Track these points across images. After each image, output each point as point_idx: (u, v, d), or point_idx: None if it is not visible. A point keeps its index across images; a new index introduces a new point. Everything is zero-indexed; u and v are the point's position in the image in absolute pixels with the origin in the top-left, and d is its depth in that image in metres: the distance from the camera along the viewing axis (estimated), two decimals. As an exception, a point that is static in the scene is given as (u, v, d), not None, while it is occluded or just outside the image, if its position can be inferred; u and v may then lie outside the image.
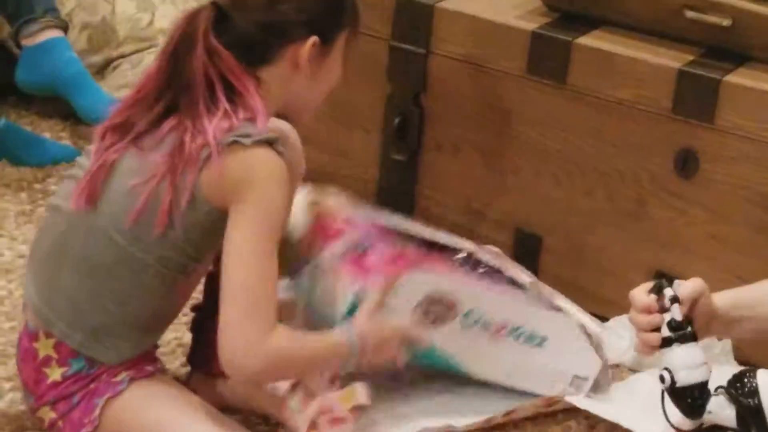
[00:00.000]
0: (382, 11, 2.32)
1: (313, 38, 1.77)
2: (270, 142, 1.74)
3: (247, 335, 1.71)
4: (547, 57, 2.20)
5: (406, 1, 2.30)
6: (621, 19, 2.19)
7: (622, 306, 2.14)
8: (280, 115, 1.88)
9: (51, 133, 2.85)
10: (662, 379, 1.63)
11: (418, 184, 2.40)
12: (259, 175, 1.74)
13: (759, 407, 1.62)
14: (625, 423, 2.06)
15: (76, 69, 2.77)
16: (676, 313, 1.63)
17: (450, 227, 2.23)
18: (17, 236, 2.44)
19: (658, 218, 2.20)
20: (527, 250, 2.30)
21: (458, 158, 2.34)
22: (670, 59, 2.12)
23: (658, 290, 1.67)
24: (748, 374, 1.66)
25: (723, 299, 1.75)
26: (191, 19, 1.80)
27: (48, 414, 1.80)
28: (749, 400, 1.62)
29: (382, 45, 2.32)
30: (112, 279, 1.79)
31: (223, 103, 1.74)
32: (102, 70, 2.94)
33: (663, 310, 1.67)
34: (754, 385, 1.63)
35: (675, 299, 1.66)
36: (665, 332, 1.64)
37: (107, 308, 1.78)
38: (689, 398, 1.62)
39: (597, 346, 2.19)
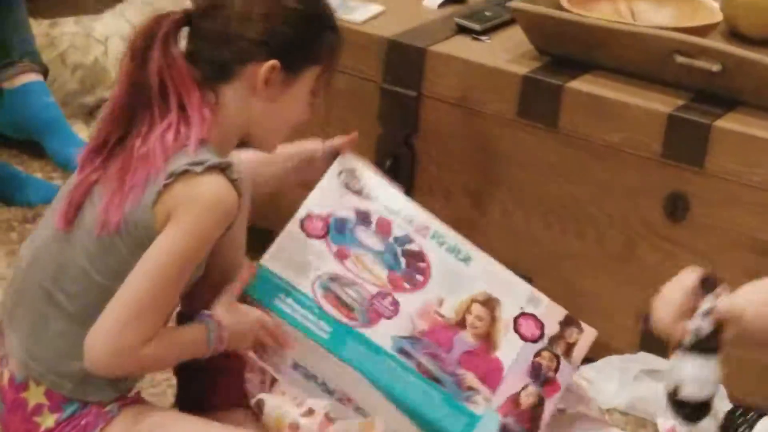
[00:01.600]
0: (373, 53, 2.33)
1: (273, 62, 1.76)
2: (223, 168, 1.74)
3: (124, 341, 1.71)
4: (538, 101, 2.20)
5: (397, 44, 2.31)
6: (611, 64, 2.20)
7: (611, 348, 2.23)
8: (245, 144, 1.87)
9: (42, 173, 2.83)
10: (667, 385, 1.62)
11: None
12: (200, 203, 1.74)
13: None
14: None
15: (52, 114, 2.77)
16: (706, 325, 1.58)
17: None
18: (7, 275, 2.34)
19: (648, 261, 2.19)
20: None
21: (449, 200, 2.34)
22: (660, 103, 2.13)
23: (704, 286, 1.62)
24: (751, 413, 1.68)
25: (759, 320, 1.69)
26: (155, 21, 1.80)
27: None
28: None
29: (373, 87, 2.33)
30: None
31: (173, 113, 1.75)
32: (94, 110, 2.90)
33: (694, 309, 1.63)
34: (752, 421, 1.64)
35: (709, 311, 1.61)
36: (688, 338, 1.61)
37: None
38: (688, 410, 1.60)
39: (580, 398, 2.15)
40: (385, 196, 1.96)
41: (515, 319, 2.00)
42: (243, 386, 2.03)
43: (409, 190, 2.35)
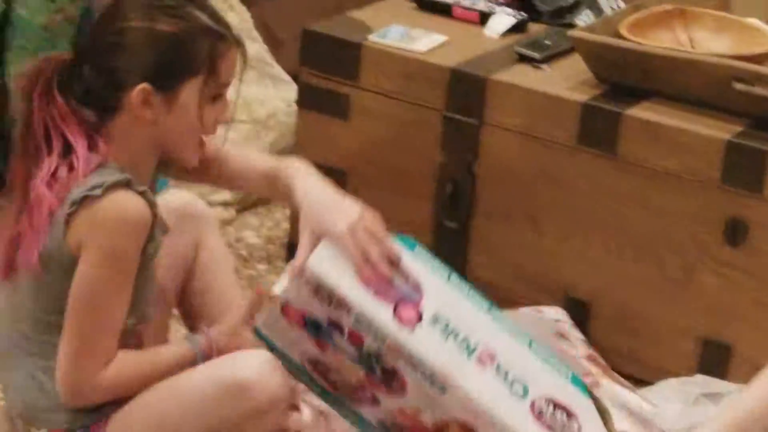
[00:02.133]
0: (436, 83, 2.34)
1: (142, 85, 1.75)
2: (125, 184, 1.74)
3: (82, 372, 1.73)
4: (597, 128, 2.20)
5: (460, 73, 2.31)
6: (670, 91, 2.20)
7: (670, 371, 2.22)
8: (166, 159, 1.87)
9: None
10: None
11: (469, 251, 2.40)
12: (106, 224, 1.74)
13: None
14: None
15: None
16: None
17: (501, 293, 2.25)
18: None
19: (706, 285, 2.18)
20: (575, 316, 2.28)
21: (509, 225, 2.34)
22: (718, 130, 2.12)
23: None
24: None
25: None
26: (41, 64, 1.81)
27: None
28: None
29: (436, 115, 2.34)
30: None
31: (54, 155, 1.76)
32: None
33: None
34: None
35: None
36: None
37: None
38: None
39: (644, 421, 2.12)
40: (357, 305, 1.78)
41: None
42: None
43: (470, 216, 2.38)
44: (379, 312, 1.72)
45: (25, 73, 1.82)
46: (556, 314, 2.27)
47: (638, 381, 2.19)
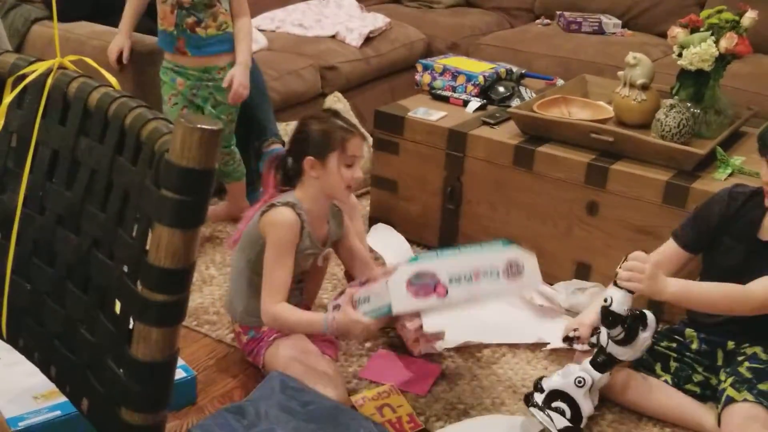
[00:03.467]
0: (441, 136, 2.49)
1: (308, 158, 1.83)
2: (291, 205, 1.81)
3: (265, 299, 1.80)
4: (523, 157, 2.35)
5: (453, 131, 2.47)
6: (559, 138, 2.35)
7: (561, 278, 2.31)
8: (330, 198, 1.90)
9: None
10: (603, 302, 1.71)
11: (461, 222, 2.52)
12: (274, 224, 1.80)
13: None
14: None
15: None
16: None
17: (478, 243, 2.14)
18: (216, 276, 2.35)
19: (578, 235, 2.31)
20: None
21: (480, 208, 2.48)
22: (583, 157, 2.26)
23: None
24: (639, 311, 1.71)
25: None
26: (276, 156, 1.94)
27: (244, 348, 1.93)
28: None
29: (441, 152, 2.49)
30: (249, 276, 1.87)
31: (270, 192, 1.87)
32: None
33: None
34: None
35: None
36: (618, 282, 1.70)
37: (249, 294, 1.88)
38: (611, 318, 1.70)
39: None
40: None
41: None
42: None
43: (460, 203, 2.46)
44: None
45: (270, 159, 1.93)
46: None
47: (546, 282, 2.23)
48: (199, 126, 0.74)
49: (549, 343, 2.11)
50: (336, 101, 3.02)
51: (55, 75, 0.90)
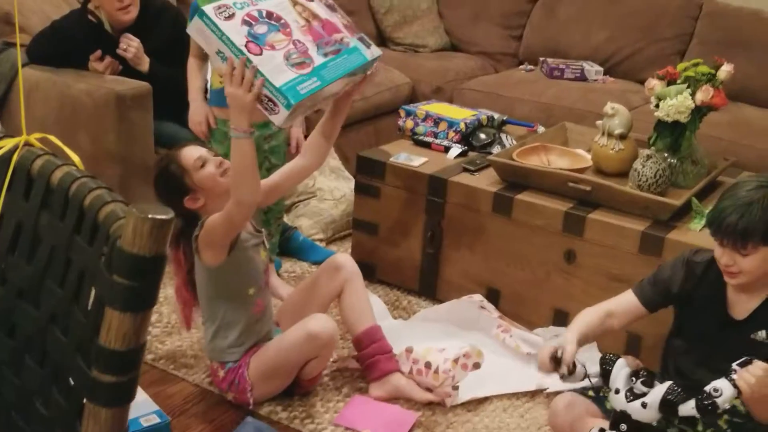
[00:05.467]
0: (422, 181, 2.52)
1: (186, 199, 1.86)
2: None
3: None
4: (502, 204, 2.38)
5: (434, 177, 2.50)
6: (538, 186, 2.37)
7: (538, 324, 2.36)
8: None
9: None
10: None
11: (441, 265, 2.55)
12: (203, 232, 1.82)
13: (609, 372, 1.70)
14: None
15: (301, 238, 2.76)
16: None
17: (456, 287, 2.46)
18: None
19: (556, 283, 2.33)
20: (491, 297, 2.45)
21: (460, 252, 2.51)
22: (561, 206, 2.30)
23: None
24: (611, 355, 1.73)
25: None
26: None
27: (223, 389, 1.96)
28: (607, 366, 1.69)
29: (422, 197, 2.54)
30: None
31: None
32: (288, 208, 2.95)
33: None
34: (612, 359, 1.70)
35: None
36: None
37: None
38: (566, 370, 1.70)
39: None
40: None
41: None
42: None
43: (440, 247, 2.48)
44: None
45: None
46: (480, 297, 2.42)
47: (525, 328, 2.30)
48: (150, 216, 0.76)
49: (548, 388, 2.12)
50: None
51: (21, 152, 0.92)
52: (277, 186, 1.99)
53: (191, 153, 1.84)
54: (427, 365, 2.02)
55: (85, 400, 0.83)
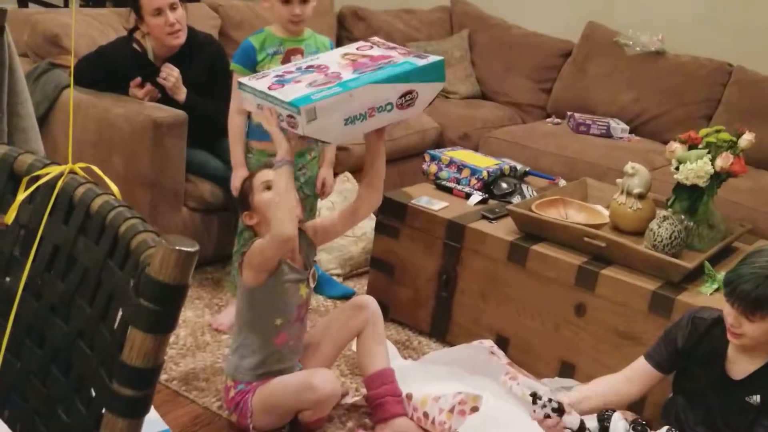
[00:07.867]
0: (441, 226, 2.54)
1: (245, 213, 1.98)
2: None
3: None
4: (518, 254, 2.41)
5: (453, 222, 2.53)
6: (554, 239, 2.40)
7: (546, 375, 2.36)
8: None
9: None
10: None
11: (453, 311, 2.57)
12: (248, 255, 1.92)
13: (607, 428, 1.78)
14: None
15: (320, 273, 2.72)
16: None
17: (466, 333, 2.48)
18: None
19: (565, 335, 2.35)
20: (501, 344, 2.45)
21: (473, 298, 2.53)
22: (575, 259, 2.31)
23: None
24: (609, 411, 1.84)
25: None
26: None
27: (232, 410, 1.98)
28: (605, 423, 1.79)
29: (440, 241, 2.55)
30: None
31: None
32: None
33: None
34: (609, 415, 1.81)
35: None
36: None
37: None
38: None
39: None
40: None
41: None
42: None
43: (454, 291, 2.50)
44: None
45: None
46: (491, 342, 2.41)
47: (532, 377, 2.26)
48: (177, 248, 0.84)
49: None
50: (345, 181, 3.06)
51: (65, 179, 0.99)
52: (333, 226, 2.04)
53: (263, 175, 1.92)
54: (425, 415, 2.03)
55: (104, 410, 0.89)
